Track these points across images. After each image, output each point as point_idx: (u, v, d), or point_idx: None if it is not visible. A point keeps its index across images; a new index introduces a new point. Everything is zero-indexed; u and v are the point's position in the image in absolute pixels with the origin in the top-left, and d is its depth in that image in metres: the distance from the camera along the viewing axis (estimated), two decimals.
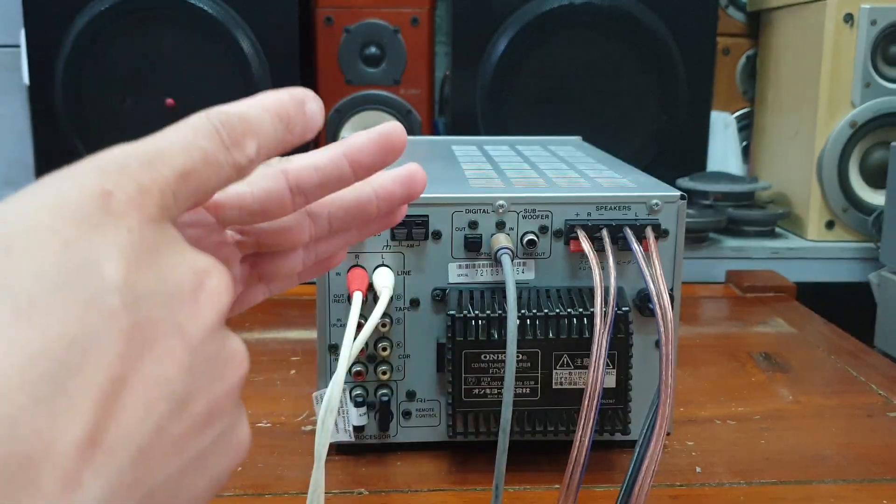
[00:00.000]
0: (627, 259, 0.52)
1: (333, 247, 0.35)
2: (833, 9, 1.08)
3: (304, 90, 0.28)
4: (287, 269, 0.34)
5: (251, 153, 0.26)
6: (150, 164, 0.23)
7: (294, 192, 0.31)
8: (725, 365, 0.72)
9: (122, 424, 0.20)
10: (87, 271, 0.20)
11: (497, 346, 0.50)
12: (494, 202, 0.51)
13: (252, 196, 0.30)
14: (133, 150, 0.23)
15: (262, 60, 1.13)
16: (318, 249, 0.35)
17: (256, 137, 0.26)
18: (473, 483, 0.52)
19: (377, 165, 0.32)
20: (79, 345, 0.19)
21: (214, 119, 0.25)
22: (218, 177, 0.25)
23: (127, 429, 0.20)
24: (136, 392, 0.21)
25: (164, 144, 0.24)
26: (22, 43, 1.12)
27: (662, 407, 0.42)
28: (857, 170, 1.13)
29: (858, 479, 0.53)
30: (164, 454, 0.22)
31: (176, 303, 0.22)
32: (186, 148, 0.24)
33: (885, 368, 0.72)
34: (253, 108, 0.27)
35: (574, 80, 1.15)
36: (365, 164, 0.32)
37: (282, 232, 0.33)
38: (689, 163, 1.18)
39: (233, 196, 0.30)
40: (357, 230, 0.35)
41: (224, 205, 0.30)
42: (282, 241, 0.33)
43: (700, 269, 1.09)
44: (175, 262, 0.23)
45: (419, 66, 1.19)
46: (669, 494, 0.51)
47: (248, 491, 0.51)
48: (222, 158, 0.25)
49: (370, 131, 0.32)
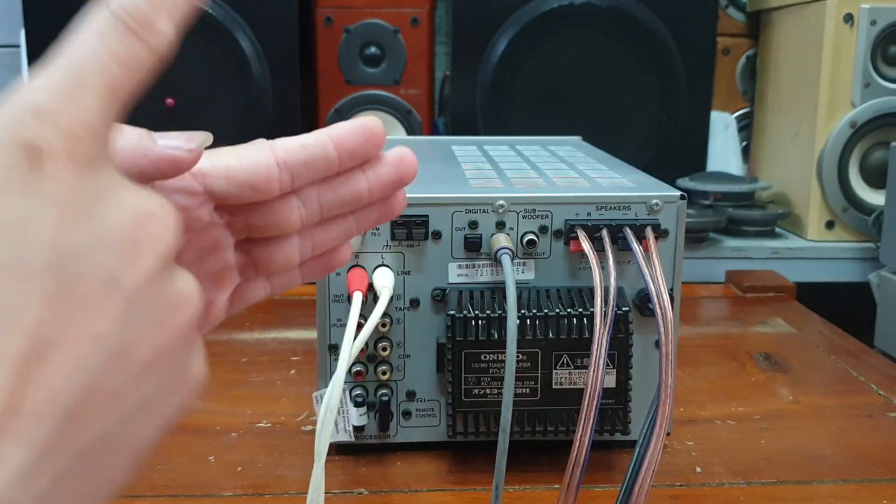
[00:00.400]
0: (627, 259, 0.52)
1: (331, 237, 0.35)
2: (833, 9, 1.08)
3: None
4: (283, 258, 0.34)
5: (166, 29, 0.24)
6: (71, 100, 0.22)
7: (281, 166, 0.31)
8: (725, 365, 0.72)
9: (45, 387, 0.20)
10: (11, 235, 0.20)
11: (497, 346, 0.50)
12: (494, 202, 0.51)
13: (239, 166, 0.30)
14: (46, 85, 0.22)
15: (262, 60, 1.13)
16: (314, 238, 0.34)
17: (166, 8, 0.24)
18: (473, 483, 0.52)
19: (360, 151, 0.32)
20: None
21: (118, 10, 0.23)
22: (138, 74, 0.24)
23: (51, 391, 0.20)
24: (63, 352, 0.20)
25: (77, 69, 0.22)
26: (22, 43, 1.12)
27: (662, 407, 0.42)
28: (857, 170, 1.13)
29: (858, 479, 0.53)
30: (99, 409, 0.21)
31: (110, 253, 0.21)
32: (101, 62, 0.23)
33: (885, 368, 0.72)
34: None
35: (574, 80, 1.15)
36: (348, 147, 0.32)
37: (271, 211, 0.32)
38: (689, 163, 1.18)
39: (219, 165, 0.30)
40: (354, 218, 0.35)
41: (210, 173, 0.30)
42: (272, 221, 0.33)
43: (700, 269, 1.09)
44: (112, 209, 0.22)
45: (419, 66, 1.19)
46: (669, 494, 0.51)
47: (248, 491, 0.51)
48: (139, 52, 0.23)
49: (351, 121, 0.32)
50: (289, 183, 0.32)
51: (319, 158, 0.32)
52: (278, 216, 0.32)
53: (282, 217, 0.32)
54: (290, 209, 0.33)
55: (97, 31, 0.23)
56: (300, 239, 0.34)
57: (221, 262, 0.33)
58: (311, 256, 0.35)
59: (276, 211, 0.32)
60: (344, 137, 0.32)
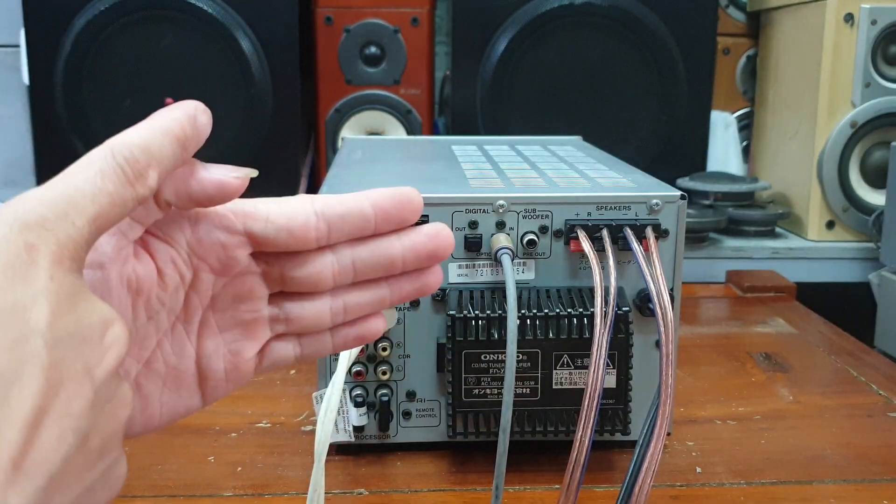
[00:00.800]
0: (627, 259, 0.52)
1: (363, 302, 0.35)
2: (833, 9, 1.08)
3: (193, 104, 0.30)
4: (314, 316, 0.35)
5: (153, 184, 0.28)
6: (65, 217, 0.26)
7: (318, 216, 0.33)
8: (725, 365, 0.72)
9: (40, 451, 0.23)
10: (14, 315, 0.23)
11: (497, 346, 0.50)
12: (494, 202, 0.51)
13: (279, 210, 0.32)
14: (48, 200, 0.26)
15: (262, 60, 1.13)
16: (346, 301, 0.35)
17: (158, 166, 0.28)
18: (473, 483, 0.52)
19: (396, 215, 0.34)
20: (5, 378, 0.22)
21: (119, 157, 0.27)
22: (122, 212, 0.28)
23: (44, 455, 0.23)
24: (51, 424, 0.23)
25: (75, 194, 0.26)
26: (22, 43, 1.12)
27: (662, 407, 0.42)
28: (857, 170, 1.13)
29: (858, 479, 0.53)
30: (69, 482, 0.24)
31: (87, 346, 0.25)
32: (95, 196, 0.27)
33: (885, 368, 0.72)
34: (154, 136, 0.28)
35: (574, 80, 1.15)
36: (385, 208, 0.33)
37: (306, 264, 0.34)
38: (689, 163, 1.18)
39: (261, 208, 0.32)
40: (389, 287, 0.35)
41: (251, 214, 0.32)
42: (306, 274, 0.34)
43: (700, 269, 1.09)
44: (87, 310, 0.25)
45: (419, 66, 1.19)
46: (670, 494, 0.51)
47: (248, 491, 0.51)
48: (127, 196, 0.27)
49: (390, 188, 0.34)
50: (325, 234, 0.33)
51: (356, 214, 0.33)
52: (312, 269, 0.34)
53: (315, 270, 0.34)
54: (324, 264, 0.34)
55: (98, 169, 0.27)
56: (332, 299, 0.35)
57: (254, 312, 0.34)
58: (343, 322, 0.35)
59: (311, 263, 0.34)
60: (381, 199, 0.34)
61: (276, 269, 0.34)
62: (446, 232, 0.35)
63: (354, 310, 0.35)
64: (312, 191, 0.47)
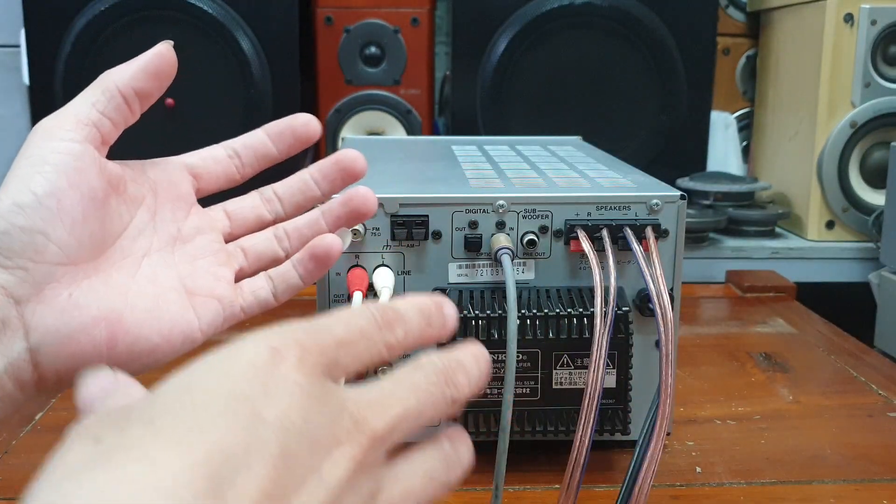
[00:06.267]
0: (627, 259, 0.52)
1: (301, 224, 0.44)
2: (833, 9, 1.08)
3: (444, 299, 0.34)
4: (263, 242, 0.44)
5: (399, 336, 0.31)
6: (314, 332, 0.27)
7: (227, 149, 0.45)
8: (725, 365, 0.72)
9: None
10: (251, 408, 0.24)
11: (497, 346, 0.50)
12: (494, 202, 0.51)
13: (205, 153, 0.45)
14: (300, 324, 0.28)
15: (262, 60, 1.13)
16: (285, 227, 0.44)
17: (404, 325, 0.31)
18: (473, 483, 0.52)
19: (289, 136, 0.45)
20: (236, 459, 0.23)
21: (373, 308, 0.30)
22: (370, 351, 0.29)
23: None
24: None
25: (328, 321, 0.29)
26: (22, 43, 1.12)
27: (662, 407, 0.42)
28: (857, 170, 1.13)
29: (858, 480, 0.53)
30: None
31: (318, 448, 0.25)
32: (347, 323, 0.29)
33: (885, 368, 0.72)
34: (404, 304, 0.32)
35: (574, 80, 1.15)
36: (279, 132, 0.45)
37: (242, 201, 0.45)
38: (689, 163, 1.18)
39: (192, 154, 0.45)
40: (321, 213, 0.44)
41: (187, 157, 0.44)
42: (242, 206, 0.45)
43: (700, 269, 1.09)
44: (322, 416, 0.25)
45: (419, 66, 1.19)
46: (670, 494, 0.51)
47: None
48: (376, 336, 0.30)
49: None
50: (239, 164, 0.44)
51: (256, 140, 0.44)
52: (246, 202, 0.44)
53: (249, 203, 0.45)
54: (254, 198, 0.45)
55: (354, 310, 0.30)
56: (274, 230, 0.44)
57: (216, 241, 0.43)
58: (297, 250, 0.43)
59: (245, 199, 0.45)
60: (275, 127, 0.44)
61: (220, 210, 0.44)
62: (352, 153, 0.44)
63: (297, 236, 0.44)
64: None
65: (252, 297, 0.42)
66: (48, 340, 0.35)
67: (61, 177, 0.35)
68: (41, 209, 0.35)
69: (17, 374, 0.35)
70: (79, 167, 0.36)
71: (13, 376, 0.35)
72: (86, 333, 0.36)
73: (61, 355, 0.35)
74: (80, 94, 0.39)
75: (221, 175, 0.44)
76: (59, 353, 0.35)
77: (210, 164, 0.43)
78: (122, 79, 0.39)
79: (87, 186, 0.36)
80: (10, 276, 0.34)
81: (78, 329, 0.36)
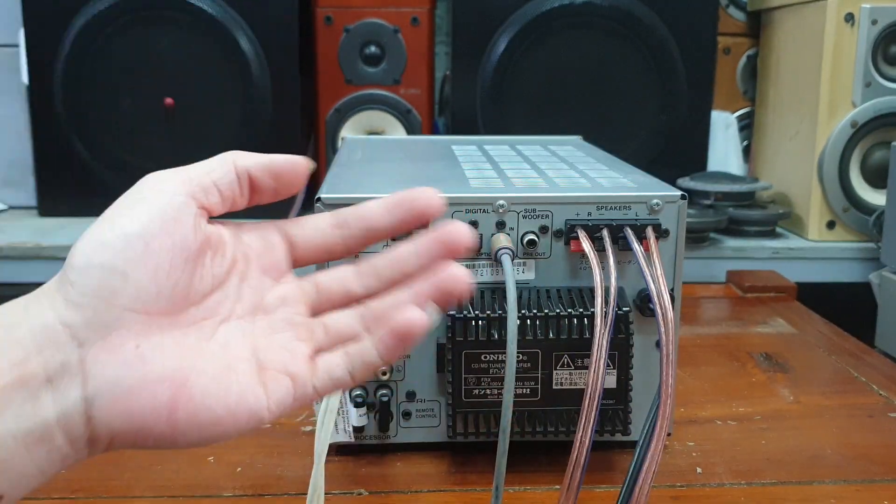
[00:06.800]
0: (628, 259, 0.52)
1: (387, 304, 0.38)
2: (834, 8, 1.08)
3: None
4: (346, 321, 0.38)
5: None
6: None
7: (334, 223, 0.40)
8: (726, 365, 0.72)
9: None
10: None
11: (497, 346, 0.50)
12: (494, 202, 0.51)
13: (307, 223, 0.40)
14: None
15: (262, 60, 1.13)
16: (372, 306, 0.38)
17: None
18: (473, 483, 0.52)
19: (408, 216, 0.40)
20: None
21: None
22: None
23: None
24: None
25: None
26: (22, 43, 1.12)
27: (663, 407, 0.42)
28: (857, 170, 1.13)
29: (859, 480, 0.53)
30: None
31: None
32: None
33: (886, 368, 0.72)
34: None
35: (574, 80, 1.15)
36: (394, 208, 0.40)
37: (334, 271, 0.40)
38: (690, 163, 1.18)
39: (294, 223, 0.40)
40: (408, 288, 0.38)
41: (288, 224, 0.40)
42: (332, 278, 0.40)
43: (700, 269, 1.09)
44: None
45: (419, 66, 1.19)
46: (670, 495, 0.51)
47: (247, 491, 0.51)
48: None
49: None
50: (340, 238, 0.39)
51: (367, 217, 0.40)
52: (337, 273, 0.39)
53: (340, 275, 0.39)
54: (346, 269, 0.39)
55: None
56: (361, 308, 0.38)
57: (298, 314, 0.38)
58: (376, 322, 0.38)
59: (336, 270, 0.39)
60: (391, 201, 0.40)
61: (311, 282, 0.39)
62: (460, 226, 0.37)
63: (382, 315, 0.37)
64: (312, 190, 0.48)
65: (326, 375, 0.37)
66: (106, 392, 0.32)
67: (155, 220, 0.34)
68: (126, 249, 0.33)
69: (70, 426, 0.32)
70: (176, 217, 0.34)
71: (65, 428, 0.32)
72: (147, 391, 0.33)
73: (117, 411, 0.32)
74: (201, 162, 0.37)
75: (321, 246, 0.40)
76: (114, 409, 0.32)
77: (309, 233, 0.40)
78: (243, 160, 0.38)
79: (181, 236, 0.34)
80: (78, 315, 0.32)
81: (139, 385, 0.33)
